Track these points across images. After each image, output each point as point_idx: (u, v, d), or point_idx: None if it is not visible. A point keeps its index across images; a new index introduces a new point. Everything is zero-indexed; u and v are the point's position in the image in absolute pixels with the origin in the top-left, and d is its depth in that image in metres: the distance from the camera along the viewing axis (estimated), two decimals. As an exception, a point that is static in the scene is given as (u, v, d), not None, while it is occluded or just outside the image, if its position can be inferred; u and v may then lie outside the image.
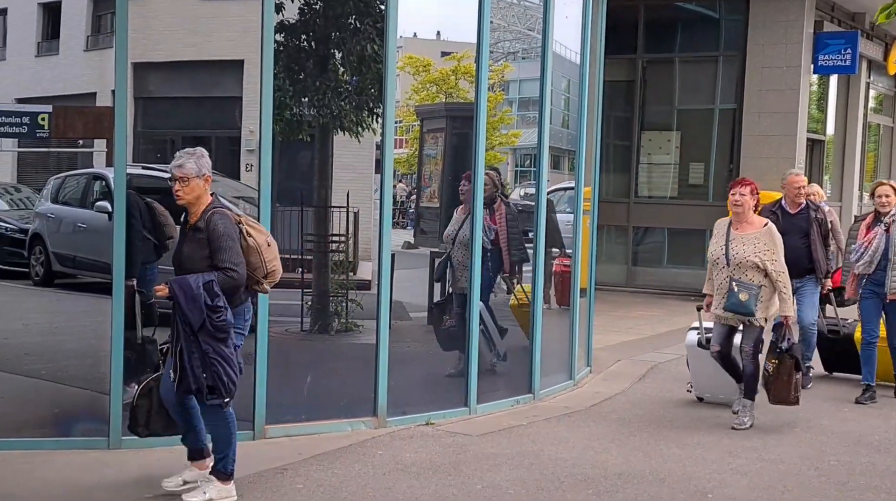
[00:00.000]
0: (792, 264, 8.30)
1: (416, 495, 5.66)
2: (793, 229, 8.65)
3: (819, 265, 8.78)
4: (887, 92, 19.44)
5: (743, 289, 7.26)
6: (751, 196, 7.43)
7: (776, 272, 7.30)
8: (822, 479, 6.21)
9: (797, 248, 8.58)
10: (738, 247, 7.36)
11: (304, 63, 8.58)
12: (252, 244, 5.36)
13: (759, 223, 7.46)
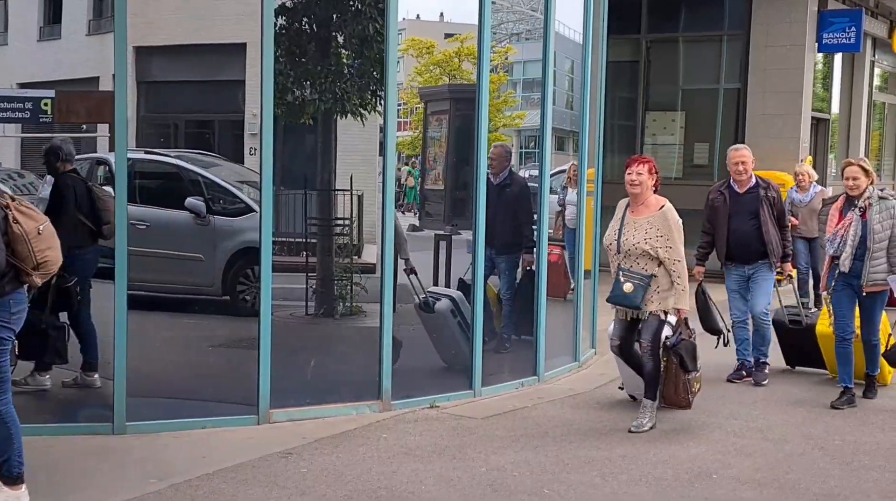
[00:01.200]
0: (741, 247, 8.08)
1: (420, 478, 5.67)
2: (741, 210, 8.12)
3: (772, 248, 8.09)
4: (892, 70, 19.34)
5: (628, 279, 6.64)
6: (649, 175, 6.75)
7: (670, 261, 6.60)
8: (826, 459, 6.21)
9: (746, 231, 8.10)
10: (630, 233, 6.71)
11: (306, 46, 8.56)
12: (18, 232, 4.78)
13: (655, 206, 6.75)
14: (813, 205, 11.55)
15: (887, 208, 7.30)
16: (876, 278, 7.31)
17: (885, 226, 7.27)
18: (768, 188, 8.19)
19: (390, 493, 5.41)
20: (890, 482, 5.76)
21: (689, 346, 6.80)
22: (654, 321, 6.72)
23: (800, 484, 5.69)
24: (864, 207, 7.32)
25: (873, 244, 7.27)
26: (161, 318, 8.28)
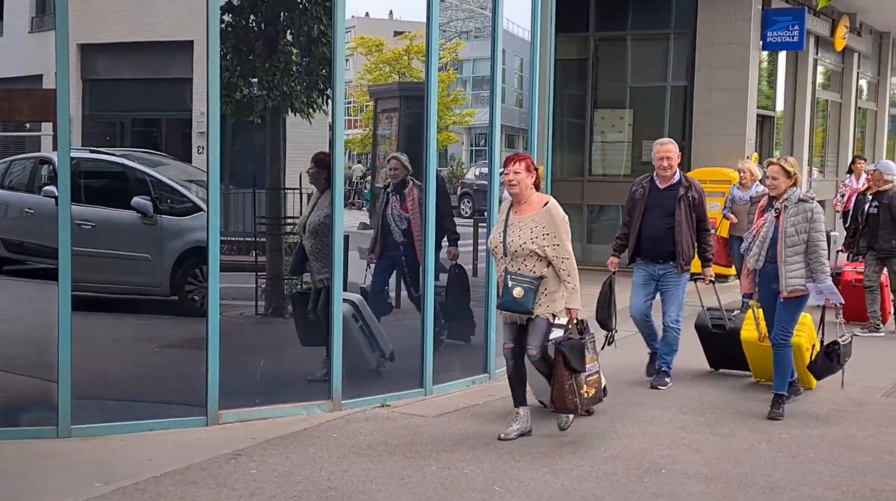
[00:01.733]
0: (650, 244, 7.87)
1: (370, 477, 5.65)
2: (656, 207, 7.85)
3: (681, 250, 7.75)
4: (834, 68, 19.65)
5: (518, 284, 6.27)
6: (527, 173, 6.37)
7: (558, 259, 6.29)
8: (773, 452, 6.29)
9: (658, 228, 7.80)
10: (515, 233, 6.35)
11: (253, 44, 8.48)
12: None
13: (539, 203, 6.41)
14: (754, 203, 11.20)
15: (803, 212, 7.03)
16: (794, 284, 7.05)
17: (800, 229, 7.02)
18: (690, 188, 7.87)
19: (340, 493, 5.38)
20: (834, 474, 5.86)
21: (576, 345, 6.35)
22: (541, 324, 6.36)
23: (747, 478, 5.76)
24: (780, 208, 7.10)
25: (785, 248, 7.01)
26: (107, 319, 8.16)
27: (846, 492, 5.54)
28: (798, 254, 7.02)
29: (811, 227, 7.02)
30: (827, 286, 7.01)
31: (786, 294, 7.04)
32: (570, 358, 6.34)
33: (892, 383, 8.19)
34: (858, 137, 21.27)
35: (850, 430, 6.81)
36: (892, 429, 6.83)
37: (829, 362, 7.30)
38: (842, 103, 20.04)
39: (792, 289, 7.04)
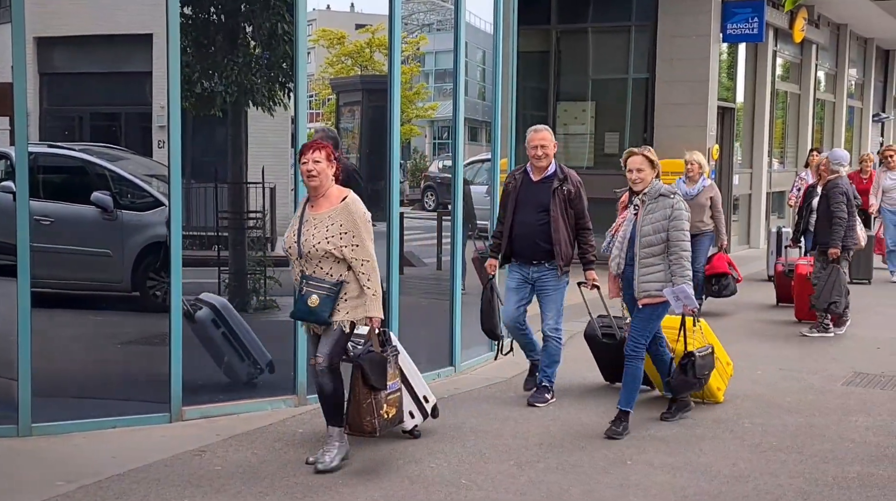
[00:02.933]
0: (523, 243, 7.11)
1: (336, 472, 5.63)
2: (529, 201, 7.10)
3: (559, 250, 7.01)
4: (794, 60, 19.83)
5: (313, 290, 5.53)
6: (328, 163, 5.58)
7: (357, 261, 5.52)
8: (736, 441, 6.35)
9: (530, 225, 7.04)
10: (310, 231, 5.59)
11: (214, 37, 8.42)
12: None
13: (337, 197, 5.63)
14: (700, 200, 10.51)
15: (663, 208, 6.36)
16: (649, 289, 6.36)
17: (659, 228, 6.34)
18: (566, 180, 7.09)
19: (306, 488, 5.36)
20: (796, 462, 5.91)
21: (377, 360, 5.65)
22: (334, 333, 5.58)
23: (711, 467, 5.81)
24: (640, 204, 6.43)
25: (640, 249, 6.35)
26: (68, 315, 8.08)
27: (809, 480, 5.60)
28: (655, 256, 6.35)
29: (671, 225, 6.31)
30: (681, 289, 6.28)
31: (642, 300, 6.39)
32: (369, 374, 5.62)
33: (852, 371, 8.28)
34: (817, 128, 21.49)
35: (812, 418, 6.88)
36: (853, 417, 6.92)
37: (685, 376, 6.65)
38: (801, 95, 20.23)
39: (646, 294, 6.36)
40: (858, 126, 25.29)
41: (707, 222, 10.56)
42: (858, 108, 25.10)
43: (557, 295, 7.16)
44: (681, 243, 6.35)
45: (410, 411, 6.23)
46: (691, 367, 6.65)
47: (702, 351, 6.76)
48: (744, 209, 17.60)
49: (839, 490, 5.43)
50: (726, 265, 10.72)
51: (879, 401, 7.36)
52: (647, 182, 6.43)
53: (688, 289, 6.30)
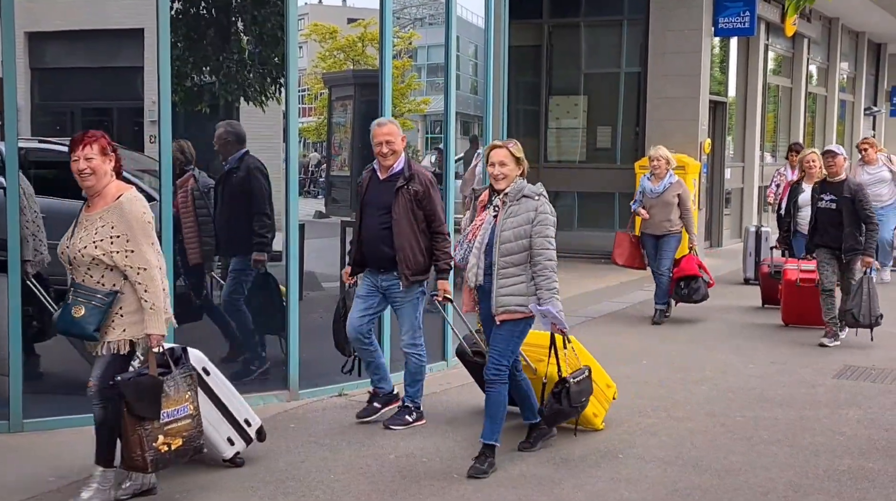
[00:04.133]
0: (370, 250, 6.35)
1: (329, 466, 5.64)
2: (374, 202, 6.35)
3: (403, 256, 6.22)
4: (785, 53, 19.85)
5: (78, 300, 4.81)
6: (102, 157, 4.90)
7: (133, 269, 4.80)
8: (728, 435, 6.36)
9: (374, 229, 6.31)
10: (79, 234, 4.92)
11: (205, 32, 8.41)
12: None
13: (112, 195, 4.92)
14: (666, 197, 10.01)
15: (526, 211, 5.54)
16: (507, 303, 5.53)
17: (520, 233, 5.51)
18: (412, 179, 6.29)
19: (298, 483, 5.36)
20: (788, 455, 5.93)
21: (146, 384, 4.84)
22: (106, 355, 4.90)
23: (702, 461, 5.82)
24: (500, 204, 5.63)
25: (499, 257, 5.53)
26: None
27: (800, 472, 5.62)
28: (516, 265, 5.52)
29: (535, 230, 5.48)
30: (546, 310, 5.50)
31: (500, 316, 5.57)
32: (132, 402, 4.81)
33: (842, 365, 8.31)
34: (809, 121, 21.52)
35: (803, 411, 6.90)
36: (844, 410, 6.94)
37: (559, 404, 5.85)
38: (792, 89, 20.25)
39: (505, 309, 5.54)
40: (850, 120, 25.34)
41: (675, 221, 10.07)
42: (850, 101, 25.15)
43: (410, 307, 6.39)
44: (545, 251, 5.49)
45: (229, 437, 5.59)
46: (566, 395, 5.82)
47: (577, 376, 5.94)
48: (736, 203, 17.62)
49: (830, 483, 5.45)
50: (696, 267, 10.09)
51: (870, 394, 7.39)
52: (511, 179, 5.60)
53: (554, 309, 5.47)
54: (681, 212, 10.07)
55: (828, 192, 8.99)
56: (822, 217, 9.03)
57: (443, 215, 6.50)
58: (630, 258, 10.58)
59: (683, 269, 10.09)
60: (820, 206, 9.04)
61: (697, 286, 10.02)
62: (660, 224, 10.14)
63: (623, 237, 10.71)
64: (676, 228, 10.12)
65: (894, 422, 6.64)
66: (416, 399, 6.57)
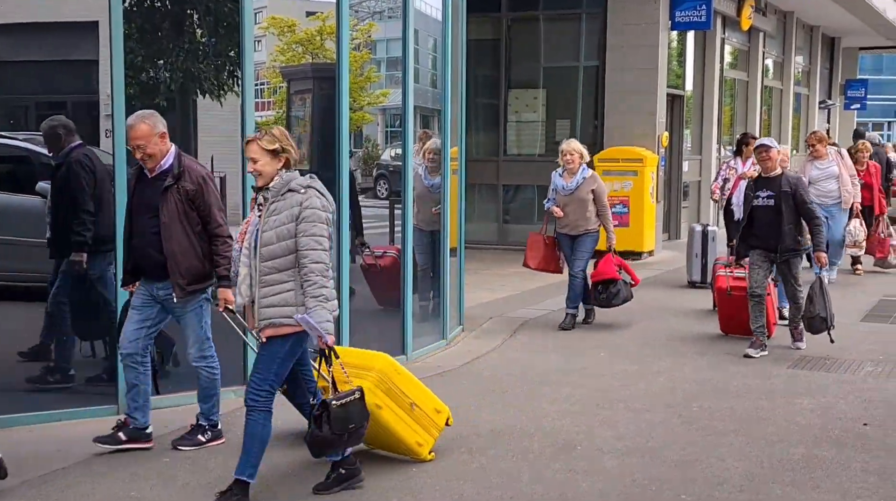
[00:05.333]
0: (139, 255, 5.80)
1: (286, 461, 5.61)
2: (143, 204, 5.76)
3: (176, 264, 5.66)
4: (741, 47, 20.03)
5: None
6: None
7: None
8: (685, 426, 6.42)
9: (144, 233, 5.74)
10: None
11: (160, 24, 8.32)
12: None
13: None
14: (580, 194, 9.38)
15: (290, 208, 4.93)
16: (271, 315, 4.93)
17: (283, 233, 4.91)
18: (181, 177, 5.68)
19: (258, 479, 5.32)
20: (744, 445, 6.00)
21: None
22: None
23: (660, 452, 5.87)
24: (263, 201, 5.03)
25: (260, 262, 4.93)
26: (14, 308, 7.94)
27: (755, 462, 5.68)
28: (282, 270, 4.93)
29: (300, 229, 4.90)
30: (303, 319, 4.81)
31: (264, 331, 5.00)
32: None
33: (798, 355, 8.41)
34: (765, 115, 21.75)
35: (758, 402, 6.98)
36: (799, 400, 7.03)
37: (319, 431, 5.00)
38: (748, 82, 20.45)
39: (268, 323, 4.95)
40: (805, 113, 25.63)
41: (592, 219, 9.44)
42: (805, 95, 25.44)
43: (193, 317, 5.85)
44: (311, 252, 4.87)
45: None
46: (327, 420, 4.96)
47: (342, 398, 5.01)
48: (693, 196, 17.77)
49: (784, 472, 5.52)
50: (614, 269, 9.39)
51: (824, 384, 7.49)
52: (269, 175, 4.97)
53: (313, 319, 4.80)
54: (597, 208, 9.43)
55: (764, 188, 8.30)
56: (758, 216, 8.32)
57: (221, 215, 5.80)
58: (544, 261, 9.77)
59: (601, 272, 9.41)
60: (755, 204, 8.34)
61: (617, 290, 9.35)
62: (575, 223, 9.48)
63: (536, 239, 9.89)
64: (594, 226, 9.48)
65: (847, 411, 6.74)
66: (212, 417, 6.02)
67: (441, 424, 5.81)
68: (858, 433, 6.24)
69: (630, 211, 14.37)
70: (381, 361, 5.67)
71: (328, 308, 4.86)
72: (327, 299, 4.87)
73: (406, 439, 5.59)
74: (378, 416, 5.41)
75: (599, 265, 9.45)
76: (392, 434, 5.58)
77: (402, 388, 5.63)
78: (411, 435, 5.62)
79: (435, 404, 5.81)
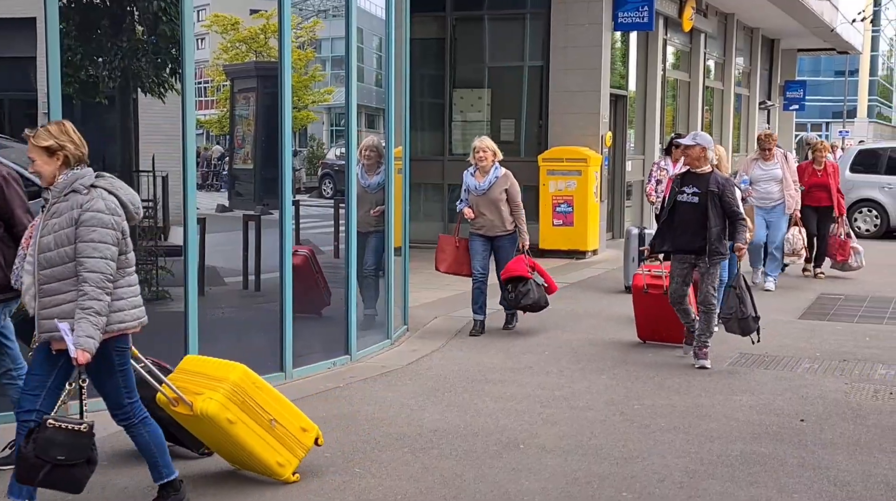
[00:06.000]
0: None
1: (227, 464, 5.56)
2: None
3: None
4: (683, 48, 20.28)
5: None
6: None
7: None
8: (626, 423, 6.48)
9: None
10: None
11: (98, 21, 8.20)
12: None
13: None
14: (493, 194, 8.98)
15: (69, 210, 4.48)
16: (51, 328, 4.45)
17: (63, 238, 4.45)
18: None
19: (202, 480, 5.27)
20: (684, 442, 6.07)
21: None
22: None
23: (602, 449, 5.92)
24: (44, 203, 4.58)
25: (38, 270, 4.48)
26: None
27: (694, 458, 5.75)
28: (62, 279, 4.47)
29: (78, 233, 4.43)
30: (60, 326, 4.38)
31: (53, 345, 4.52)
32: None
33: (738, 353, 8.53)
34: (707, 115, 22.04)
35: (698, 399, 7.07)
36: (738, 396, 7.13)
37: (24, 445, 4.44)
38: (690, 83, 20.71)
39: (51, 337, 4.49)
40: (746, 113, 26.02)
41: (508, 219, 9.05)
42: (746, 95, 25.83)
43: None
44: (88, 260, 4.41)
45: None
46: (35, 437, 4.41)
47: (63, 421, 4.43)
48: (637, 195, 17.95)
49: (723, 468, 5.60)
50: (525, 268, 8.94)
51: (763, 381, 7.60)
52: (49, 175, 4.55)
53: (66, 327, 4.37)
54: (511, 208, 9.03)
55: (690, 184, 7.88)
56: (681, 213, 7.87)
57: (28, 217, 5.29)
58: (455, 265, 9.37)
59: (510, 270, 8.95)
60: (680, 200, 7.89)
61: (527, 289, 8.86)
62: (491, 224, 9.07)
63: (446, 241, 9.47)
64: (511, 227, 9.07)
65: (785, 407, 6.85)
66: None
67: (308, 443, 5.42)
68: (795, 429, 6.35)
69: (574, 210, 14.49)
70: (236, 372, 5.23)
71: (94, 323, 4.38)
72: (98, 314, 4.39)
73: (264, 457, 5.21)
74: (230, 432, 5.08)
75: (510, 264, 9.05)
76: (248, 452, 5.19)
77: (260, 403, 5.23)
78: (271, 454, 5.23)
79: (301, 422, 5.42)
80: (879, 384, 7.50)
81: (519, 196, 9.13)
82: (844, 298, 11.50)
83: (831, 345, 8.89)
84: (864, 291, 11.93)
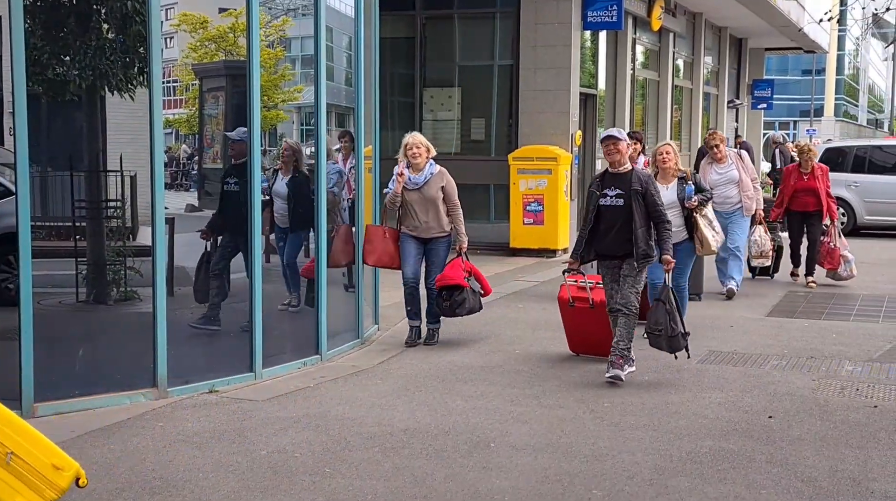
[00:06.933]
0: None
1: (198, 465, 5.54)
2: None
3: None
4: (652, 47, 20.37)
5: None
6: None
7: None
8: (596, 421, 6.50)
9: None
10: None
11: (65, 19, 8.13)
12: None
13: None
14: (429, 193, 8.47)
15: None
16: None
17: None
18: None
19: (165, 483, 5.25)
20: (653, 439, 6.10)
21: None
22: None
23: (572, 447, 5.94)
24: None
25: None
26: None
27: (664, 456, 5.78)
28: None
29: None
30: None
31: None
32: None
33: (707, 350, 8.58)
34: (676, 114, 22.16)
35: (668, 396, 7.11)
36: (707, 393, 7.17)
37: None
38: (659, 82, 20.81)
39: None
40: (714, 112, 26.18)
41: (445, 221, 8.56)
42: (714, 94, 25.99)
43: None
44: None
45: None
46: None
47: None
48: (607, 194, 18.00)
49: (692, 465, 5.63)
50: (462, 275, 8.45)
51: (732, 378, 7.66)
52: None
53: None
54: (448, 208, 8.53)
55: (612, 186, 7.40)
56: (606, 217, 7.44)
57: None
58: (387, 256, 8.67)
59: (447, 277, 8.45)
60: (602, 204, 7.42)
61: (463, 298, 8.40)
62: (426, 225, 8.54)
63: (374, 232, 8.74)
64: (448, 229, 8.61)
65: (753, 404, 6.90)
66: None
67: (62, 484, 4.42)
68: (764, 426, 6.40)
69: (545, 209, 14.52)
70: None
71: None
72: None
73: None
74: None
75: (446, 270, 8.51)
76: None
77: None
78: (8, 494, 4.32)
79: (55, 459, 4.44)
80: (846, 381, 7.58)
81: (456, 195, 8.58)
82: (812, 295, 11.61)
83: (799, 342, 8.97)
84: (831, 289, 12.04)
